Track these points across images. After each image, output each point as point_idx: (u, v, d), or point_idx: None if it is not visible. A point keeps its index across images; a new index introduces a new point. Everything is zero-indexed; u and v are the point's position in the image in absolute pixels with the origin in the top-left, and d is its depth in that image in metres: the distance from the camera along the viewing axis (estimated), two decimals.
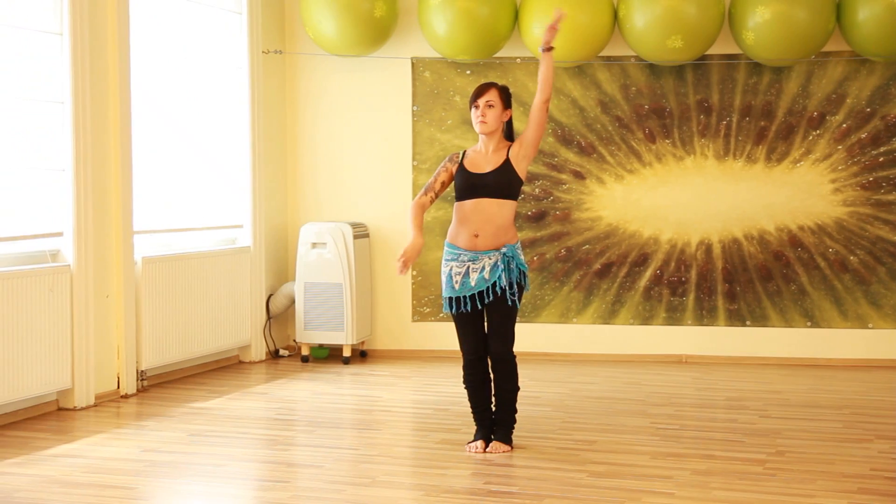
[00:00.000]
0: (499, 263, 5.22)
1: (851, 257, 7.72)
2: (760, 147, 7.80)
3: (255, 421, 6.14)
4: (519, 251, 5.30)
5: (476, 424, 5.43)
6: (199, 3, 7.55)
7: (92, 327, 6.39)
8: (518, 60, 8.01)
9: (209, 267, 7.43)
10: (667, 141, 7.88)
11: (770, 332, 7.81)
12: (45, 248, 6.31)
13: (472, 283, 5.25)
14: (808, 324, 7.77)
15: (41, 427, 5.91)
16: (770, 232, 7.81)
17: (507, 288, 5.22)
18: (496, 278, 5.22)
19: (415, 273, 8.19)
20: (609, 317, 7.97)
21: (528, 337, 8.04)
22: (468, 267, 5.26)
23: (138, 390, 6.83)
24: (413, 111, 8.17)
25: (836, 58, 7.66)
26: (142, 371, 6.87)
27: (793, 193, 7.77)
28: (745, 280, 7.82)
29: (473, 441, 5.39)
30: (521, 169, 5.29)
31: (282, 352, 8.20)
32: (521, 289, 5.30)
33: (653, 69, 7.84)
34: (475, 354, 5.38)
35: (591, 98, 7.95)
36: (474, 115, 5.29)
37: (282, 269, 8.33)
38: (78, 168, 6.31)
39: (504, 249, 5.23)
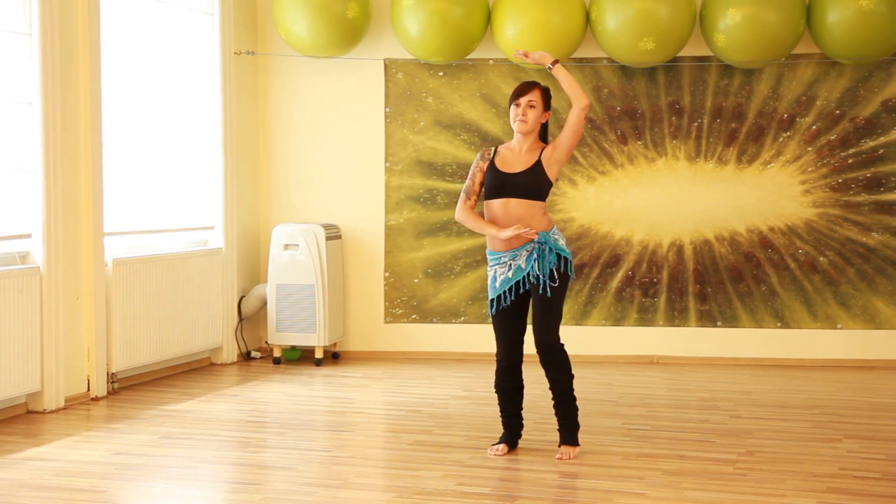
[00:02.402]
0: (533, 253, 5.15)
1: (821, 258, 7.78)
2: (731, 149, 7.84)
3: (226, 423, 6.12)
4: (556, 236, 5.19)
5: (503, 427, 5.38)
6: (171, 3, 7.52)
7: (62, 329, 6.35)
8: (491, 62, 8.02)
9: (180, 269, 7.39)
10: (639, 142, 7.91)
11: (741, 333, 7.86)
12: (14, 249, 6.26)
13: (511, 276, 5.19)
14: (779, 324, 7.82)
15: (10, 430, 5.87)
16: (741, 233, 7.86)
17: (540, 275, 5.13)
18: (530, 268, 5.16)
19: (387, 275, 8.19)
20: (581, 318, 8.00)
21: None
22: (509, 265, 5.20)
23: (109, 393, 6.79)
24: (386, 112, 8.17)
25: (806, 60, 7.71)
26: (112, 373, 6.83)
27: (763, 195, 7.82)
28: (716, 281, 7.87)
29: (497, 444, 5.33)
30: (552, 172, 5.19)
31: (254, 353, 8.17)
32: (563, 276, 5.18)
33: (625, 71, 7.87)
34: (509, 361, 5.29)
35: (563, 100, 7.96)
36: (514, 112, 5.20)
37: (254, 271, 8.31)
38: (48, 169, 6.27)
39: (538, 238, 5.15)
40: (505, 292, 5.22)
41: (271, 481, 4.99)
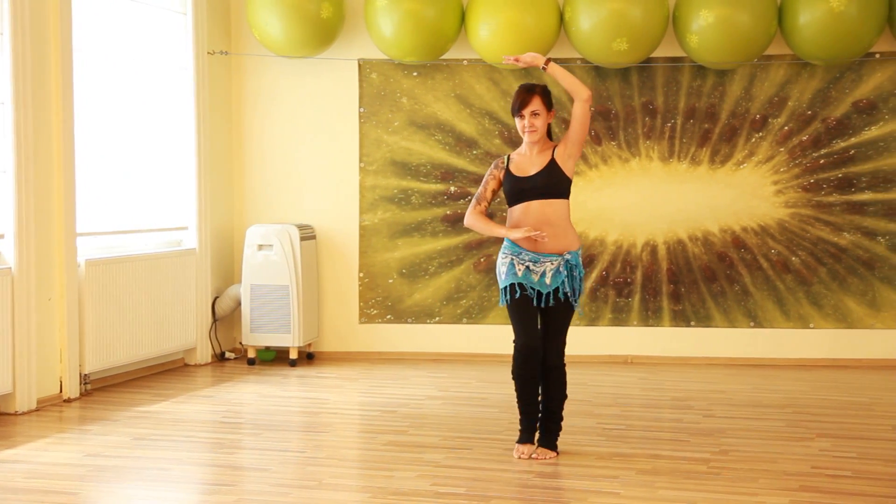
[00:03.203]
0: (561, 269, 5.14)
1: (793, 258, 7.83)
2: (704, 149, 7.88)
3: (200, 424, 6.10)
4: (580, 257, 5.22)
5: (521, 417, 5.27)
6: (143, 3, 7.48)
7: (34, 330, 6.31)
8: (465, 62, 8.02)
9: (154, 269, 7.36)
10: (612, 143, 7.94)
11: (714, 333, 7.90)
12: None
13: (536, 279, 5.15)
14: (752, 324, 7.86)
15: None
16: (714, 233, 7.90)
17: (569, 294, 5.14)
18: (559, 284, 5.14)
19: (362, 275, 8.18)
20: None
21: (476, 339, 8.07)
22: (528, 265, 5.17)
23: (81, 394, 6.75)
24: (360, 113, 8.16)
25: (778, 61, 7.76)
26: (85, 375, 6.79)
27: (736, 195, 7.86)
28: (690, 281, 7.90)
29: (520, 444, 5.26)
30: (567, 168, 5.18)
31: (228, 354, 8.15)
32: (578, 295, 5.21)
33: (598, 71, 7.89)
34: (530, 343, 5.16)
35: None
36: (520, 125, 5.18)
37: (228, 272, 8.28)
38: (19, 169, 6.23)
39: (568, 256, 5.14)
40: (530, 287, 5.15)
41: (245, 482, 4.98)
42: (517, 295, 5.17)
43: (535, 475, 4.96)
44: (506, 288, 5.19)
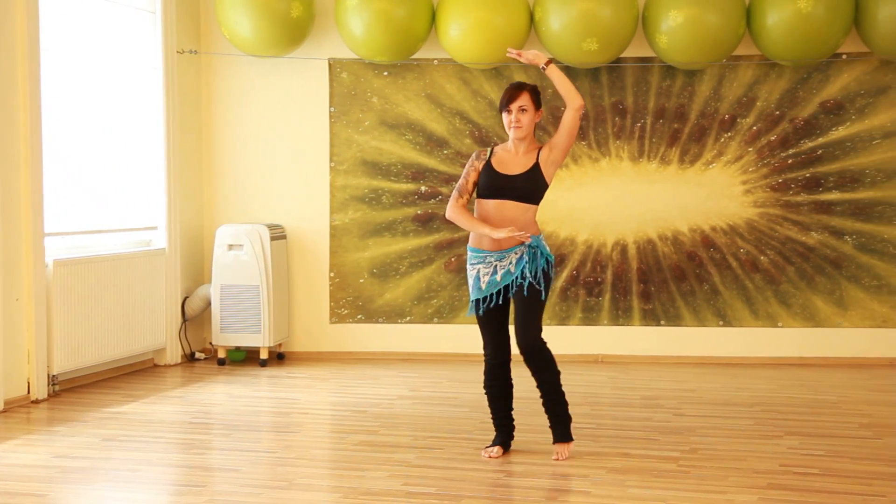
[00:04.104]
0: (524, 256, 5.12)
1: (762, 257, 7.88)
2: (674, 149, 7.92)
3: (170, 425, 6.07)
4: (543, 241, 5.19)
5: (495, 430, 5.35)
6: (112, 1, 7.43)
7: (1, 331, 6.26)
8: (435, 62, 8.02)
9: (123, 269, 7.32)
10: (582, 143, 7.96)
11: (684, 332, 7.94)
12: None
13: (499, 279, 5.15)
14: (721, 323, 7.91)
15: None
16: (683, 233, 7.94)
17: (529, 277, 5.10)
18: (520, 270, 5.12)
19: (333, 275, 8.17)
20: None
21: (447, 338, 8.07)
22: (495, 266, 5.16)
23: (50, 395, 6.70)
24: (330, 112, 8.14)
25: (747, 61, 7.81)
26: (53, 376, 6.74)
27: (706, 195, 7.90)
28: (660, 280, 7.94)
29: (491, 446, 5.30)
30: (548, 174, 5.16)
31: (198, 355, 8.11)
32: (547, 279, 5.18)
33: (569, 71, 7.91)
34: (498, 359, 5.28)
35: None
36: (507, 120, 5.15)
37: (198, 272, 8.24)
38: None
39: (528, 241, 5.10)
40: (492, 295, 5.18)
41: (216, 483, 4.96)
42: (481, 311, 5.22)
43: (506, 475, 4.97)
44: (475, 301, 5.22)
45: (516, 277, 5.14)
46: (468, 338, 8.03)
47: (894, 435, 5.70)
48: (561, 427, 5.26)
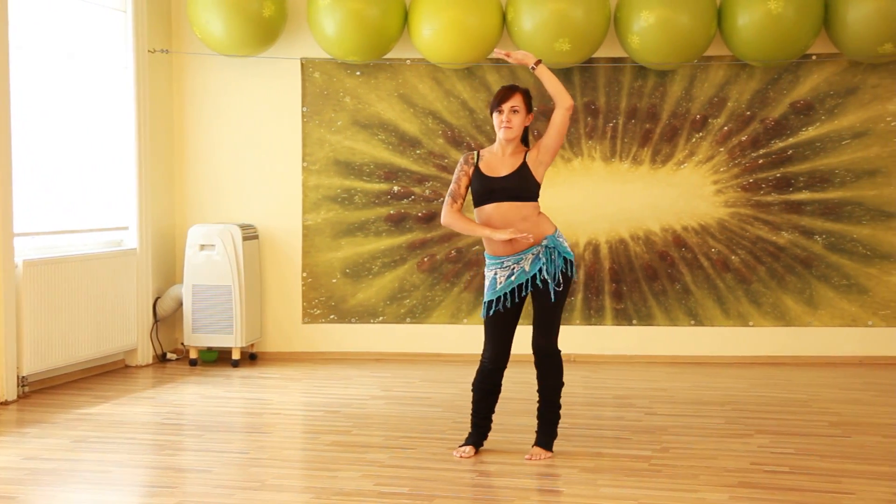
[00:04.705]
0: (540, 256, 5.09)
1: (733, 257, 7.93)
2: (646, 149, 7.95)
3: (141, 426, 6.04)
4: (561, 239, 5.15)
5: (471, 428, 5.32)
6: (82, 0, 7.39)
7: None
8: (408, 62, 8.02)
9: (94, 270, 7.28)
10: None
11: (656, 331, 7.97)
12: None
13: (513, 279, 5.12)
14: (692, 322, 7.95)
15: None
16: (655, 232, 7.97)
17: (549, 280, 5.08)
18: (535, 270, 5.09)
19: (305, 275, 8.15)
20: None
21: (419, 338, 8.07)
22: (512, 268, 5.13)
23: (19, 396, 6.65)
24: (303, 112, 8.13)
25: (718, 62, 7.85)
26: (23, 377, 6.69)
27: (677, 195, 7.94)
28: (632, 280, 7.97)
29: (464, 445, 5.28)
30: (538, 174, 5.13)
31: (169, 355, 8.07)
32: (566, 279, 5.15)
33: None
34: (495, 364, 5.24)
35: (480, 100, 8.01)
36: (497, 120, 5.11)
37: (169, 272, 8.21)
38: None
39: (545, 241, 5.08)
40: (505, 295, 5.16)
41: (187, 484, 4.94)
42: (492, 311, 5.19)
43: (478, 474, 4.98)
44: (488, 302, 5.19)
45: (531, 278, 5.12)
46: (441, 338, 8.04)
47: (863, 433, 5.74)
48: (547, 436, 5.27)
